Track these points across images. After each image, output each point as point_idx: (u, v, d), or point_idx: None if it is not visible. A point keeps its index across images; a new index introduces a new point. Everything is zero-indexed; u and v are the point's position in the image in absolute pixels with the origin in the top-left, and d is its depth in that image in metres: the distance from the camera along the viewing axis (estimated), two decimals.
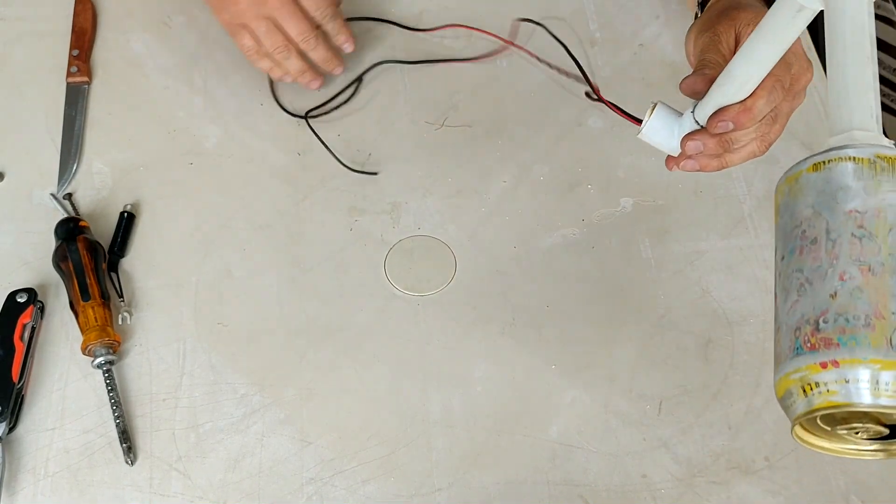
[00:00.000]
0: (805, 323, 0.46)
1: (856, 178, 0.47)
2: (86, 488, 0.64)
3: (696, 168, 0.64)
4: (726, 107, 0.59)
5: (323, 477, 0.65)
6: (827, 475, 0.65)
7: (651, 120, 0.64)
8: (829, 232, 0.47)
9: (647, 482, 0.65)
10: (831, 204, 0.47)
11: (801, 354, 0.45)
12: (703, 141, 0.62)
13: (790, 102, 0.63)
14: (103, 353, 0.68)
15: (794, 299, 0.47)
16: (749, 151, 0.64)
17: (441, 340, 0.71)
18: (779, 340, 0.48)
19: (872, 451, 0.49)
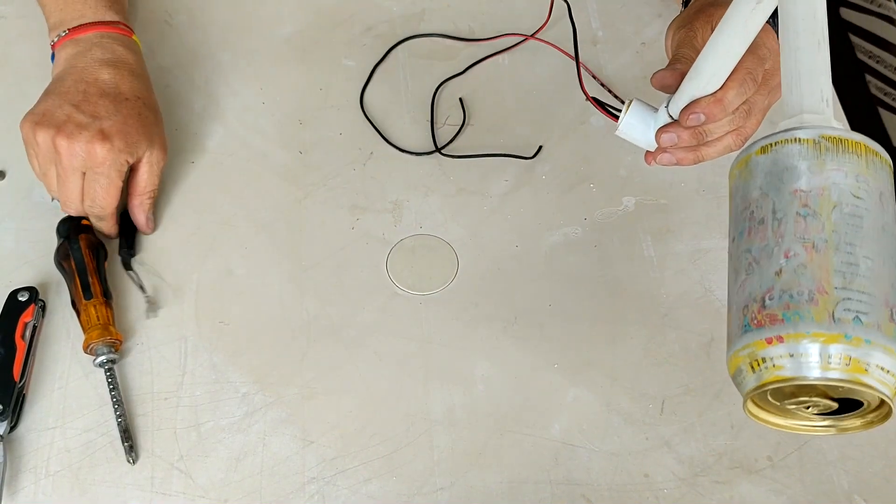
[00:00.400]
0: (752, 301, 0.47)
1: (801, 159, 0.48)
2: (87, 487, 0.64)
3: (673, 161, 0.65)
4: (697, 99, 0.61)
5: (325, 476, 0.65)
6: (830, 474, 0.65)
7: (627, 116, 0.66)
8: (776, 212, 0.48)
9: (650, 481, 0.65)
10: (777, 184, 0.48)
11: (749, 331, 0.46)
12: (676, 133, 0.63)
13: (766, 97, 0.64)
14: (105, 351, 0.68)
15: (743, 278, 0.48)
16: (725, 145, 0.65)
17: (443, 339, 0.71)
18: (730, 320, 0.49)
19: (824, 427, 0.50)
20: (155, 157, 0.74)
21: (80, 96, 0.71)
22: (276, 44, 0.88)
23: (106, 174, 0.71)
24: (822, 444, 0.67)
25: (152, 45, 0.88)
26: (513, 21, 0.90)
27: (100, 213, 0.73)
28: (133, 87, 0.74)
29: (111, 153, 0.70)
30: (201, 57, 0.87)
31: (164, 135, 0.76)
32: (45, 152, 0.71)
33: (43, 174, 0.72)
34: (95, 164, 0.70)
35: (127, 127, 0.71)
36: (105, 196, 0.72)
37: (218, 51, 0.87)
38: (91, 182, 0.71)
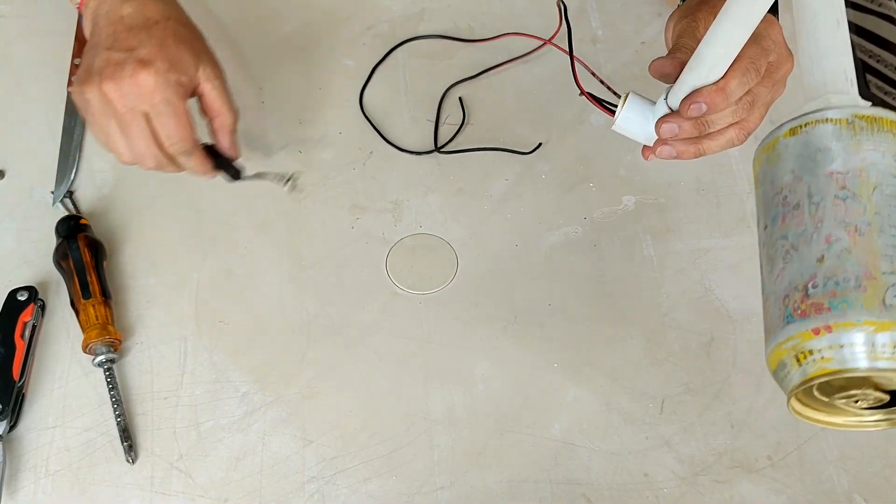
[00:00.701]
0: (794, 290, 0.44)
1: (835, 140, 0.46)
2: (87, 487, 0.64)
3: (673, 154, 0.63)
4: (699, 89, 0.59)
5: (324, 475, 0.65)
6: (830, 474, 0.65)
7: (624, 110, 0.64)
8: (812, 195, 0.45)
9: (650, 481, 0.65)
10: (811, 167, 0.46)
11: (792, 322, 0.44)
12: (677, 123, 0.61)
13: (769, 90, 0.62)
14: (104, 351, 0.68)
15: (781, 267, 0.46)
16: (727, 139, 0.63)
17: (443, 339, 0.71)
18: (767, 311, 0.46)
19: (874, 422, 0.48)
20: (209, 72, 0.68)
21: (110, 39, 0.66)
22: (276, 43, 0.88)
23: (166, 101, 0.64)
24: (822, 443, 0.67)
25: None
26: (513, 20, 0.90)
27: (183, 148, 0.66)
28: (159, 9, 0.67)
29: (158, 76, 0.63)
30: None
31: (209, 49, 0.69)
32: (98, 107, 0.64)
33: (106, 137, 0.65)
34: (149, 95, 0.63)
35: (165, 47, 0.65)
36: (177, 126, 0.65)
37: (217, 50, 0.86)
38: (156, 118, 0.64)
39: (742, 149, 0.81)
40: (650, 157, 0.65)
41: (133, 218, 0.77)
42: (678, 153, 0.63)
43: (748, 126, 0.63)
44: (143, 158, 0.66)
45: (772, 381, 0.68)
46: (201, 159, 0.68)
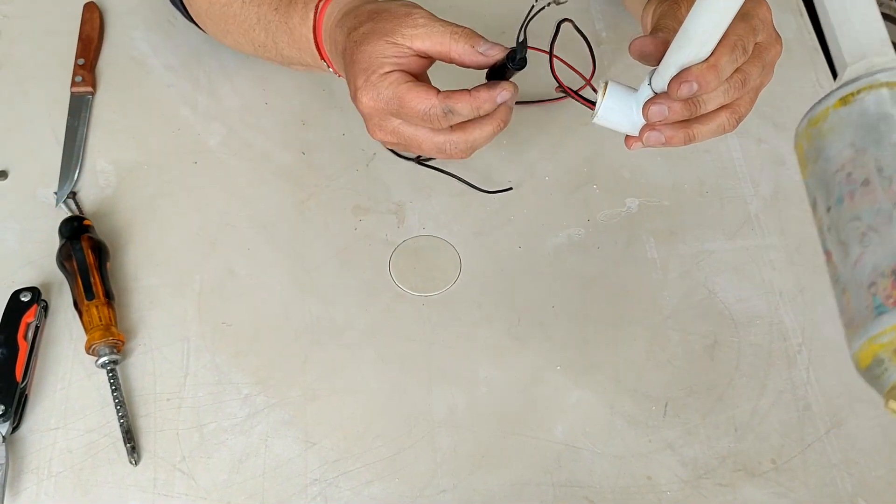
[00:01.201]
0: (880, 276, 0.40)
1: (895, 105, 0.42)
2: (89, 488, 0.64)
3: (661, 141, 0.59)
4: (688, 67, 0.55)
5: (327, 478, 0.65)
6: (833, 478, 0.65)
7: (605, 100, 0.60)
8: (882, 169, 0.41)
9: (653, 484, 0.65)
10: (875, 137, 0.42)
11: (886, 312, 0.39)
12: (667, 105, 0.57)
13: (760, 73, 0.59)
14: (107, 352, 0.68)
15: (859, 252, 0.41)
16: (718, 124, 0.60)
17: (446, 341, 0.71)
18: (848, 303, 0.42)
19: None
20: (408, 32, 0.62)
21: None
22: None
23: (387, 101, 0.60)
24: (826, 447, 0.66)
25: (156, 44, 0.88)
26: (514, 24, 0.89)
27: (438, 114, 0.60)
28: (344, 32, 0.64)
29: (366, 93, 0.60)
30: (204, 56, 0.87)
31: (395, 15, 0.62)
32: (388, 142, 0.64)
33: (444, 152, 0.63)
34: (379, 112, 0.61)
35: (354, 67, 0.62)
36: (417, 98, 0.60)
37: (221, 50, 0.86)
38: (405, 115, 0.61)
39: (745, 151, 0.82)
40: (635, 146, 0.61)
41: (136, 219, 0.77)
42: (667, 139, 0.59)
43: (739, 111, 0.60)
44: (445, 151, 0.63)
45: (776, 383, 0.69)
46: (468, 99, 0.60)
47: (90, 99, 0.84)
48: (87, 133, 0.82)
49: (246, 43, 0.76)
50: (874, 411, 0.68)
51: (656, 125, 0.59)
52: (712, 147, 0.82)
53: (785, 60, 0.87)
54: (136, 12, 0.90)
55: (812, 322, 0.72)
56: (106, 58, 0.87)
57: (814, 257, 0.75)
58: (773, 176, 0.80)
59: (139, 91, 0.85)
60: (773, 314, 0.72)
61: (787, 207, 0.78)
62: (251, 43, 0.75)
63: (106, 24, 0.89)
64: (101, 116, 0.83)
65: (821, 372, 0.70)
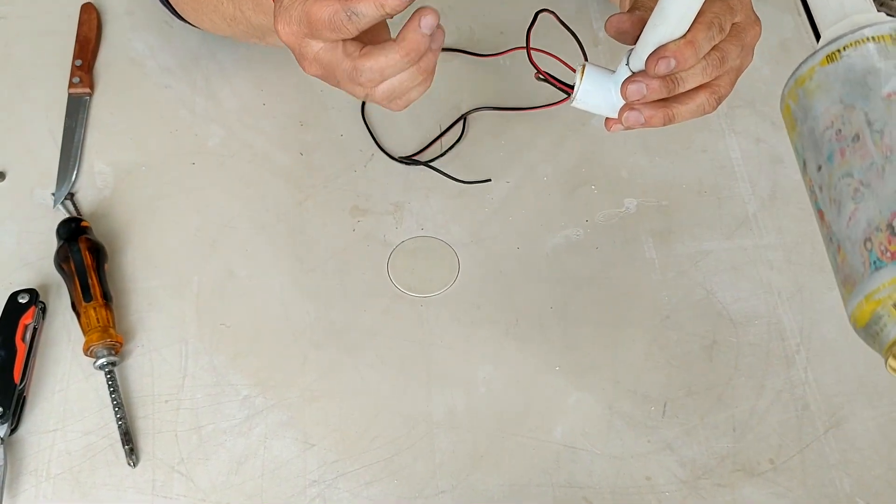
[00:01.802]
0: (875, 231, 0.39)
1: (883, 58, 0.42)
2: (88, 490, 0.64)
3: (640, 121, 0.59)
4: (665, 44, 0.55)
5: (326, 479, 0.65)
6: (832, 478, 0.65)
7: (583, 83, 0.60)
8: (872, 123, 0.41)
9: (652, 484, 0.65)
10: (863, 92, 0.42)
11: (883, 267, 0.39)
12: (645, 83, 0.57)
13: (739, 54, 0.59)
14: (105, 354, 0.68)
15: (852, 209, 0.41)
16: (698, 104, 0.59)
17: (444, 341, 0.71)
18: (843, 261, 0.41)
19: None
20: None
21: None
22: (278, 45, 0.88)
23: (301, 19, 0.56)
24: (825, 447, 0.66)
25: (154, 45, 0.88)
26: (515, 24, 0.89)
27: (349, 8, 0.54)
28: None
29: (282, 16, 0.57)
30: (202, 57, 0.87)
31: None
32: (321, 75, 0.59)
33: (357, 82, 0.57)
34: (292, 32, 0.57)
35: None
36: (319, 6, 0.55)
37: (219, 51, 0.86)
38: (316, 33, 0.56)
39: (743, 150, 0.82)
40: (615, 127, 0.61)
41: (134, 220, 0.77)
42: (646, 119, 0.59)
43: (720, 91, 0.59)
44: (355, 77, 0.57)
45: (774, 383, 0.69)
46: None
47: (88, 100, 0.84)
48: (84, 134, 0.81)
49: (219, 20, 0.75)
50: (873, 411, 0.68)
51: (635, 105, 0.59)
52: (710, 146, 0.82)
53: (783, 59, 0.88)
54: (134, 14, 0.90)
55: (810, 322, 0.72)
56: (104, 59, 0.87)
57: (812, 256, 0.75)
58: (771, 175, 0.80)
59: (137, 92, 0.85)
60: (772, 314, 0.72)
61: (786, 207, 0.78)
62: (224, 19, 0.74)
63: (104, 26, 0.89)
64: (99, 118, 0.83)
65: (819, 371, 0.70)
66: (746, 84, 0.72)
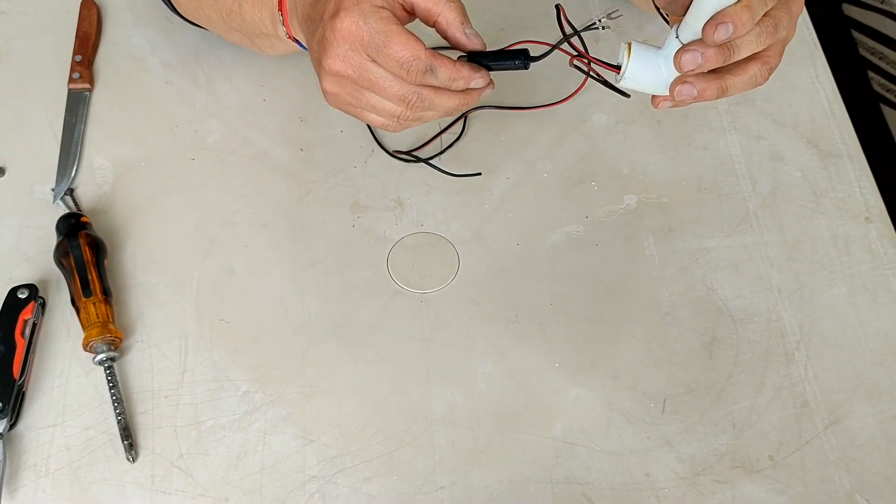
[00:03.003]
0: None
1: None
2: (87, 485, 0.64)
3: (693, 95, 0.58)
4: (722, 10, 0.54)
5: (325, 475, 0.65)
6: (831, 474, 0.65)
7: (632, 60, 0.59)
8: None
9: (651, 481, 0.65)
10: None
11: None
12: (701, 51, 0.56)
13: (788, 22, 0.58)
14: (104, 349, 0.68)
15: None
16: (751, 75, 0.59)
17: (444, 338, 0.71)
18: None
19: None
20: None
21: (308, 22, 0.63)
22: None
23: (373, 32, 0.58)
24: (824, 444, 0.66)
25: (154, 41, 0.87)
26: (518, 19, 0.89)
27: (419, 67, 0.59)
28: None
29: (350, 14, 0.58)
30: (203, 53, 0.87)
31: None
32: (341, 89, 0.62)
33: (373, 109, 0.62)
34: (357, 38, 0.58)
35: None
36: (399, 46, 0.58)
37: (219, 48, 0.86)
38: (379, 55, 0.58)
39: (744, 147, 0.82)
40: (663, 104, 0.60)
41: (134, 216, 0.77)
42: (699, 92, 0.58)
43: (770, 62, 0.59)
44: (408, 103, 0.60)
45: (774, 380, 0.69)
46: (451, 67, 0.59)
47: (88, 95, 0.84)
48: (84, 130, 0.81)
49: (215, 14, 0.75)
50: (872, 408, 0.68)
51: (688, 78, 0.58)
52: (711, 143, 0.82)
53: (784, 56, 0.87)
54: (134, 9, 0.90)
55: (810, 319, 0.72)
56: (104, 55, 0.87)
57: (812, 254, 0.75)
58: (771, 172, 0.80)
59: (137, 88, 0.85)
60: (772, 311, 0.72)
61: (786, 204, 0.78)
62: (219, 12, 0.74)
63: (104, 21, 0.89)
64: (99, 113, 0.83)
65: (819, 368, 0.70)
66: None
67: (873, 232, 0.76)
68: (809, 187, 0.79)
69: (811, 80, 0.86)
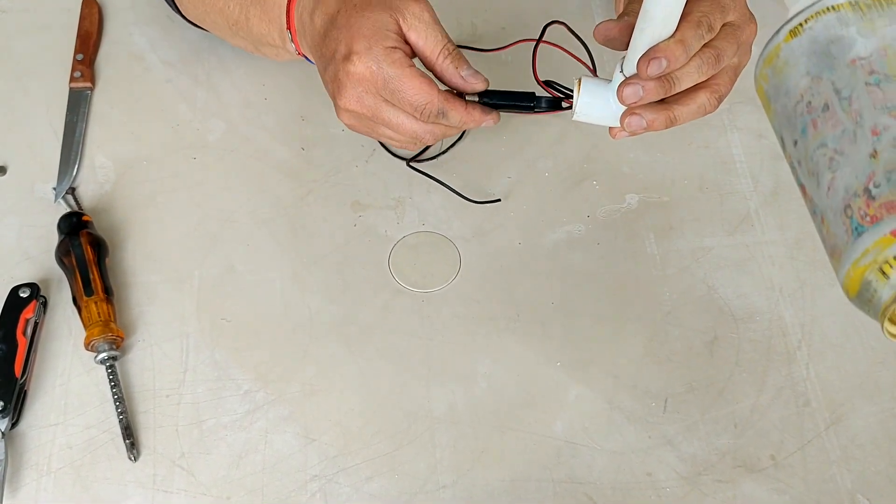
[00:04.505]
0: (853, 197, 0.39)
1: (844, 26, 0.42)
2: (89, 484, 0.64)
3: (643, 125, 0.59)
4: (655, 45, 0.55)
5: (327, 474, 0.65)
6: (833, 474, 0.65)
7: (581, 96, 0.60)
8: (839, 91, 0.41)
9: (652, 480, 0.65)
10: (828, 62, 0.42)
11: (864, 232, 0.38)
12: (641, 85, 0.57)
13: (736, 52, 0.59)
14: (106, 348, 0.68)
15: (829, 178, 0.40)
16: (699, 104, 0.59)
17: (445, 336, 0.71)
18: (828, 231, 0.41)
19: None
20: (409, 19, 0.61)
21: (320, 58, 0.65)
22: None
23: (387, 77, 0.60)
24: (825, 443, 0.66)
25: (155, 40, 0.87)
26: (517, 18, 0.89)
27: (431, 110, 0.61)
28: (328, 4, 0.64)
29: (362, 59, 0.60)
30: (204, 52, 0.87)
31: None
32: (357, 124, 0.64)
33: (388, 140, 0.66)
34: (371, 81, 0.60)
35: (354, 29, 0.60)
36: (411, 90, 0.60)
37: (220, 46, 0.86)
38: (393, 97, 0.61)
39: (745, 146, 0.81)
40: (619, 135, 0.61)
41: (135, 214, 0.77)
42: (648, 123, 0.59)
43: (719, 90, 0.60)
44: (420, 138, 0.64)
45: (775, 379, 0.69)
46: (462, 111, 0.62)
47: (89, 94, 0.84)
48: (85, 128, 0.81)
49: (222, 22, 0.76)
50: (874, 407, 0.68)
51: (635, 109, 0.59)
52: (712, 142, 0.82)
53: None
54: (136, 8, 0.90)
55: (812, 318, 0.72)
56: (105, 53, 0.87)
57: (814, 253, 0.75)
58: (772, 171, 0.80)
59: (138, 86, 0.85)
60: (773, 310, 0.72)
61: (787, 203, 0.78)
62: (226, 20, 0.75)
63: (105, 20, 0.89)
64: (100, 112, 0.83)
65: (820, 368, 0.70)
66: (748, 80, 0.71)
67: None
68: None
69: None
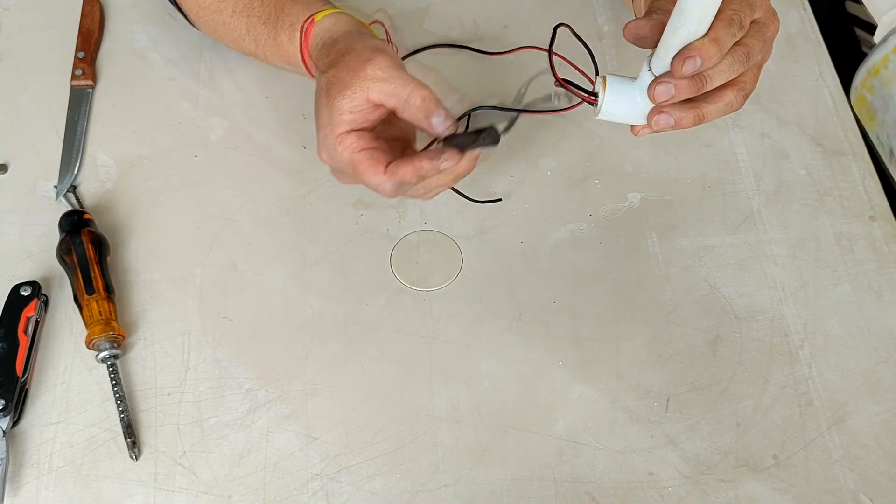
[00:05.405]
0: None
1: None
2: (90, 483, 0.64)
3: (670, 124, 0.59)
4: (689, 44, 0.55)
5: (328, 472, 0.65)
6: (835, 473, 0.65)
7: (607, 94, 0.60)
8: None
9: (654, 479, 0.65)
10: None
11: None
12: (673, 83, 0.57)
13: (761, 49, 0.59)
14: (107, 346, 0.68)
15: None
16: (726, 102, 0.59)
17: (447, 336, 0.71)
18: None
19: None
20: (372, 84, 0.60)
21: None
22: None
23: (347, 164, 0.62)
24: (828, 442, 0.66)
25: (157, 38, 0.87)
26: (518, 17, 0.89)
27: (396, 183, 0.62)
28: (320, 82, 0.64)
29: (321, 145, 0.63)
30: (205, 50, 0.86)
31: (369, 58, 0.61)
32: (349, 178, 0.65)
33: None
34: (333, 164, 0.64)
35: (318, 115, 0.63)
36: (369, 176, 0.61)
37: (222, 45, 0.86)
38: (356, 176, 0.63)
39: (748, 145, 0.81)
40: (643, 132, 0.61)
41: (137, 213, 0.77)
42: (676, 121, 0.59)
43: (746, 87, 0.60)
44: (402, 196, 0.66)
45: (778, 378, 0.69)
46: (413, 174, 0.61)
47: (90, 92, 0.84)
48: (87, 126, 0.81)
49: (237, 49, 0.77)
50: (876, 406, 0.68)
51: (664, 108, 0.59)
52: (714, 142, 0.82)
53: (788, 54, 0.87)
54: (137, 6, 0.90)
55: (814, 317, 0.72)
56: (106, 51, 0.87)
57: (816, 252, 0.75)
58: (775, 170, 0.80)
59: (140, 85, 0.85)
60: (776, 309, 0.72)
61: (790, 202, 0.78)
62: (242, 50, 0.77)
63: (106, 18, 0.89)
64: (102, 110, 0.83)
65: (823, 367, 0.70)
66: None
67: (877, 230, 0.76)
68: (813, 185, 0.79)
69: (815, 77, 0.85)
